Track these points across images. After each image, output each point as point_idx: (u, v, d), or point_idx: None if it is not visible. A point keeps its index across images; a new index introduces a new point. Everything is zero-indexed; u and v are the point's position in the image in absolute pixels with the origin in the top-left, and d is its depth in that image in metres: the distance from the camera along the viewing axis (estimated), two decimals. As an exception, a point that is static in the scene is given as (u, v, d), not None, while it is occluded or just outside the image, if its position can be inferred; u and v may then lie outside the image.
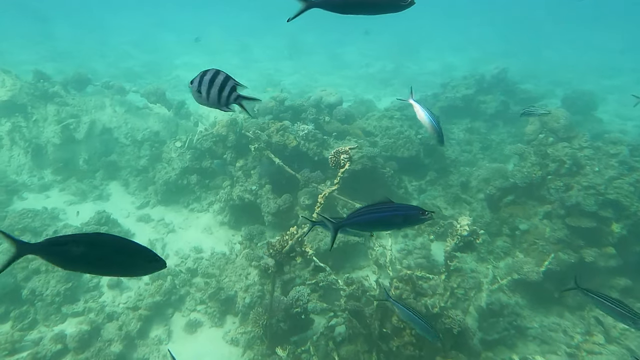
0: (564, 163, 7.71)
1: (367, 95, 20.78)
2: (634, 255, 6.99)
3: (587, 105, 14.89)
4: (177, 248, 8.62)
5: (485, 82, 14.81)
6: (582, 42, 33.76)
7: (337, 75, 25.08)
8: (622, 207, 6.99)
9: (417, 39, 32.57)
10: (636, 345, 6.16)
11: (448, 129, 14.01)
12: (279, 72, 25.88)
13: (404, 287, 5.70)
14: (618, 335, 6.19)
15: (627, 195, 6.98)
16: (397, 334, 5.12)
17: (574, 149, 7.80)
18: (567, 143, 8.11)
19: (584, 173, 7.56)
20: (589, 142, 8.03)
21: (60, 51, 27.42)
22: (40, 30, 30.93)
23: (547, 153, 8.08)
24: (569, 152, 7.72)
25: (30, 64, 23.31)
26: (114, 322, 6.35)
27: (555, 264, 7.08)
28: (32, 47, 27.52)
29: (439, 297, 5.98)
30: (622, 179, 7.20)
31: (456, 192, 10.19)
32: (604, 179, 7.29)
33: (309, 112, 11.58)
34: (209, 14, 45.65)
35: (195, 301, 7.08)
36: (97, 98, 13.73)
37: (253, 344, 5.98)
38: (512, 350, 6.33)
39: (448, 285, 5.91)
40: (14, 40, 28.42)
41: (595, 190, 7.23)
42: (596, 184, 7.25)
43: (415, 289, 5.70)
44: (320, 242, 8.07)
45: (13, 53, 26.26)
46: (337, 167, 5.17)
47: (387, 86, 22.57)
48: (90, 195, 10.90)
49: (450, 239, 5.78)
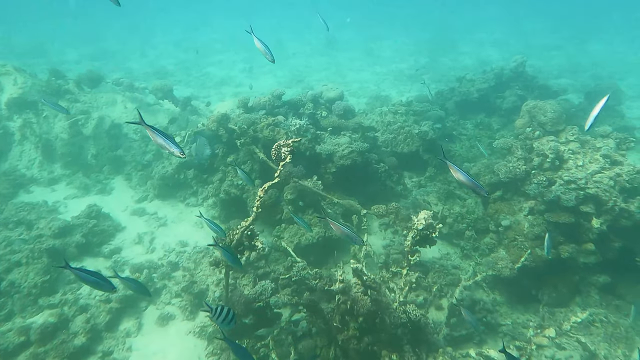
0: (547, 157, 7.50)
1: (391, 90, 20.72)
2: (613, 252, 6.76)
3: (610, 100, 14.35)
4: (164, 242, 8.83)
5: (504, 76, 14.46)
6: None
7: (369, 72, 25.04)
8: (602, 202, 6.76)
9: (458, 34, 32.03)
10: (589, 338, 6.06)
11: (462, 124, 13.80)
12: (309, 68, 26.09)
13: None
14: (569, 328, 6.05)
15: (607, 189, 6.74)
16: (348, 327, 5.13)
17: (557, 143, 7.57)
18: (554, 137, 7.88)
19: (567, 167, 7.35)
20: (575, 135, 7.78)
21: (105, 51, 28.69)
22: (92, 32, 32.55)
23: (533, 147, 7.88)
24: (553, 145, 7.50)
25: (73, 64, 24.50)
26: (83, 314, 6.55)
27: (531, 260, 6.92)
28: (81, 47, 28.91)
29: (398, 292, 5.97)
30: (602, 173, 6.96)
31: (450, 189, 10.05)
32: (585, 173, 7.07)
33: (307, 107, 11.62)
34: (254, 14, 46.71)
35: (171, 294, 7.25)
36: (108, 95, 14.18)
37: (213, 337, 6.10)
38: (479, 346, 6.24)
39: (407, 281, 5.87)
40: (64, 40, 29.98)
41: (576, 185, 7.01)
42: (577, 179, 7.03)
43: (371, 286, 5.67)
44: (301, 237, 8.13)
45: (61, 53, 27.64)
46: (279, 160, 5.20)
47: (416, 82, 22.39)
48: (93, 189, 11.29)
49: (409, 233, 5.74)
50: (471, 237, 8.50)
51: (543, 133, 8.07)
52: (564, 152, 7.53)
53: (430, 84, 21.49)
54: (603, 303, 6.77)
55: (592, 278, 6.91)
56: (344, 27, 35.28)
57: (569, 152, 7.51)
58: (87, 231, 8.37)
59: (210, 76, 24.16)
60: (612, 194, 6.71)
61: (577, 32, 31.59)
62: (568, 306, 6.87)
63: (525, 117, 8.67)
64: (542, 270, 7.02)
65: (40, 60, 24.62)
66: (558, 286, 6.99)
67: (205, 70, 25.20)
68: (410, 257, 5.97)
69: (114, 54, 28.18)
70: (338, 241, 8.35)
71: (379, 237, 9.12)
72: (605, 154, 7.20)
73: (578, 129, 7.96)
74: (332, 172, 9.44)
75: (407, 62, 26.41)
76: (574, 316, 6.10)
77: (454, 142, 12.69)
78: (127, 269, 7.82)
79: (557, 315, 6.59)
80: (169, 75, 23.27)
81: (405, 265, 6.02)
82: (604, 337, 6.15)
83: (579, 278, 6.98)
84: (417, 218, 5.64)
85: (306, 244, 8.04)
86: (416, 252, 5.96)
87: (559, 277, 7.02)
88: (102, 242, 8.55)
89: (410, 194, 10.29)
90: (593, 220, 6.85)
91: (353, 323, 4.96)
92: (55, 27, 34.25)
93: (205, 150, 9.85)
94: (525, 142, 8.11)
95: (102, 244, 8.51)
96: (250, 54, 28.55)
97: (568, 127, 8.07)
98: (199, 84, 22.88)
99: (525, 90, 14.18)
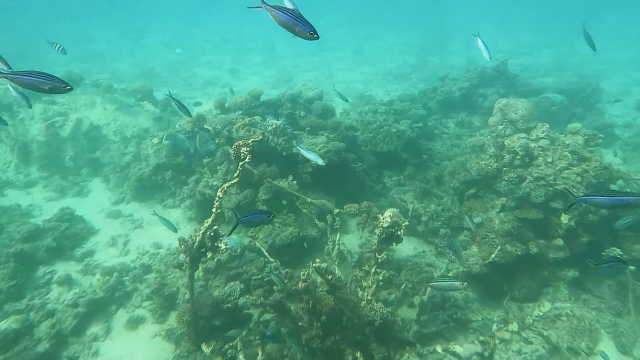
0: (517, 154, 7.55)
1: (378, 90, 20.74)
2: (581, 246, 6.83)
3: (590, 98, 14.55)
4: (138, 244, 8.76)
5: (487, 75, 14.56)
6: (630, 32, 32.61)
7: (357, 72, 25.03)
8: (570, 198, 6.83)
9: (448, 33, 32.11)
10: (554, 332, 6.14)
11: (444, 123, 13.86)
12: (297, 68, 26.04)
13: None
14: (532, 322, 6.11)
15: (574, 185, 6.81)
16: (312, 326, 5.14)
17: (527, 140, 7.62)
18: (525, 134, 7.93)
19: (537, 164, 7.40)
20: (546, 132, 7.83)
21: (93, 52, 28.44)
22: (82, 33, 32.29)
23: (504, 144, 7.93)
24: (523, 143, 7.54)
25: (61, 66, 24.16)
26: (49, 320, 6.45)
27: (501, 257, 6.97)
28: (69, 48, 28.46)
29: (367, 289, 5.98)
30: (570, 169, 7.02)
31: (426, 187, 10.07)
32: (554, 170, 7.13)
33: (285, 106, 11.60)
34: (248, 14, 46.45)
35: (142, 297, 7.19)
36: (87, 96, 14.07)
37: (181, 340, 6.07)
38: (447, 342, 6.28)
39: (375, 279, 5.89)
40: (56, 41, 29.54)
41: (545, 182, 7.07)
42: (546, 175, 7.09)
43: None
44: (276, 238, 8.11)
45: (49, 55, 27.20)
46: (238, 160, 5.18)
47: (403, 81, 22.47)
48: (69, 192, 11.17)
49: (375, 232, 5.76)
50: (446, 234, 8.54)
51: (514, 130, 8.11)
52: (534, 149, 7.58)
53: (417, 83, 21.59)
54: (572, 297, 6.85)
55: (561, 273, 7.00)
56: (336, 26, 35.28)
57: (538, 149, 7.56)
58: (59, 234, 8.28)
59: (197, 77, 24.03)
60: (579, 190, 6.77)
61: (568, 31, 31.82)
62: (538, 301, 6.92)
63: (497, 114, 8.70)
64: (512, 266, 7.07)
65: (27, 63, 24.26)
66: (528, 281, 7.05)
67: (193, 71, 25.06)
68: (377, 255, 5.99)
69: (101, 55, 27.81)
70: (313, 240, 8.36)
71: (356, 236, 9.15)
72: (573, 151, 7.26)
73: (549, 126, 8.03)
74: (309, 172, 9.44)
75: (396, 62, 26.47)
76: (537, 310, 6.17)
77: (435, 141, 12.75)
78: (98, 272, 7.75)
79: (525, 310, 6.64)
80: (156, 77, 23.08)
81: (373, 264, 6.04)
82: (568, 331, 6.22)
83: (548, 273, 7.05)
84: (382, 216, 5.66)
85: (281, 244, 8.02)
86: (384, 250, 5.99)
87: (529, 273, 7.09)
88: (75, 246, 8.46)
89: (390, 192, 10.31)
90: (562, 216, 6.91)
91: (316, 322, 4.96)
92: (47, 28, 33.89)
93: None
94: (496, 139, 8.15)
95: (74, 247, 8.41)
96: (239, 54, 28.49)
97: (539, 124, 8.12)
98: (185, 84, 22.78)
99: (507, 88, 14.28)
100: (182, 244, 5.08)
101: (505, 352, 6.00)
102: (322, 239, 8.41)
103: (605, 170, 6.99)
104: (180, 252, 5.06)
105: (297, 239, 8.08)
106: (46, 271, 7.56)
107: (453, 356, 5.89)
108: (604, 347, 6.10)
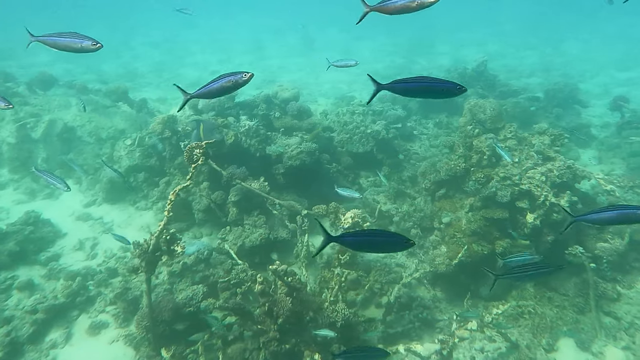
0: (484, 154, 7.57)
1: (363, 91, 20.64)
2: (546, 245, 6.88)
3: (568, 98, 14.69)
4: (107, 247, 8.62)
5: (467, 76, 14.61)
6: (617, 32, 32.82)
7: (344, 72, 24.83)
8: (534, 198, 6.87)
9: (437, 35, 32.11)
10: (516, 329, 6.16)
11: (423, 124, 13.88)
12: (283, 69, 25.82)
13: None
14: (490, 320, 6.14)
15: (538, 185, 6.84)
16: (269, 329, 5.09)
17: (494, 140, 7.65)
18: (493, 134, 7.96)
19: (503, 164, 7.43)
20: (513, 132, 7.87)
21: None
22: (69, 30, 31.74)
23: (472, 145, 7.95)
24: (490, 143, 7.57)
25: (43, 66, 23.71)
26: (4, 327, 6.28)
27: (468, 256, 6.98)
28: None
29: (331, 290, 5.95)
30: (535, 169, 7.06)
31: (401, 188, 10.07)
32: (520, 170, 7.16)
33: (260, 107, 11.52)
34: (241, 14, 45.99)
35: (105, 302, 7.06)
36: (62, 97, 13.87)
37: (141, 345, 5.98)
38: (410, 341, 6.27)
39: (338, 280, 5.85)
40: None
41: (511, 181, 7.11)
42: (512, 175, 7.12)
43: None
44: (245, 239, 8.04)
45: (33, 54, 26.67)
46: (191, 162, 5.12)
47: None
48: (40, 195, 10.97)
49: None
50: (417, 234, 8.53)
51: (483, 131, 8.15)
52: (501, 149, 7.61)
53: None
54: (537, 296, 6.87)
55: (527, 271, 7.00)
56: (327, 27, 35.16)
57: (505, 149, 7.60)
58: (23, 238, 8.10)
59: (182, 77, 23.74)
60: (543, 190, 6.81)
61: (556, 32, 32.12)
62: (504, 299, 6.94)
63: (467, 115, 8.74)
64: (479, 266, 7.07)
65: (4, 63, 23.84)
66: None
67: (178, 72, 24.77)
68: (340, 257, 5.96)
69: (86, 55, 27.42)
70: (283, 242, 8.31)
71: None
72: (538, 150, 7.30)
73: (516, 126, 8.07)
74: (282, 172, 9.40)
75: (383, 62, 26.40)
76: (496, 309, 6.19)
77: (413, 142, 12.76)
78: (62, 276, 7.61)
79: (489, 309, 6.66)
80: (140, 77, 22.84)
81: (337, 265, 6.01)
82: (530, 328, 6.26)
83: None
84: (344, 217, 5.63)
85: (250, 246, 7.96)
86: (346, 251, 5.96)
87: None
88: (40, 250, 8.28)
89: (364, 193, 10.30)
90: (527, 215, 6.95)
91: (273, 324, 4.91)
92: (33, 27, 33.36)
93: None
94: (465, 139, 8.18)
95: (39, 252, 8.23)
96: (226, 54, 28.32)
97: (507, 124, 8.17)
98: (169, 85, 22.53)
99: (487, 89, 14.37)
100: (136, 248, 5.00)
101: (468, 351, 6.00)
102: (292, 240, 8.37)
103: (568, 169, 7.04)
104: (134, 257, 4.97)
105: (266, 240, 8.02)
106: (7, 276, 7.39)
107: (415, 355, 5.88)
108: (564, 344, 6.14)
